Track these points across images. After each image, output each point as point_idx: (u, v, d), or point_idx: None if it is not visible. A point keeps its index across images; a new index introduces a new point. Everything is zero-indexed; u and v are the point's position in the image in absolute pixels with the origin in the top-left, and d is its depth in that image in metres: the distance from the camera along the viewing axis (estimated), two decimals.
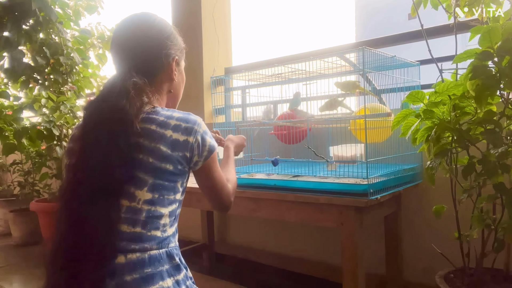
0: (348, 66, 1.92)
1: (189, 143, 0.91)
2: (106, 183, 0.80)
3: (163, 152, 0.87)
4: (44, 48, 2.81)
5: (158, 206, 0.88)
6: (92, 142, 0.82)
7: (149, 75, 0.96)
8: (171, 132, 0.89)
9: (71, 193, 0.80)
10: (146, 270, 0.83)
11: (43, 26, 2.76)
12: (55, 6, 2.84)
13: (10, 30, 2.59)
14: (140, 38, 0.96)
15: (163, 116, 0.92)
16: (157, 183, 0.87)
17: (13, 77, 2.72)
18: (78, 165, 0.81)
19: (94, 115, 0.85)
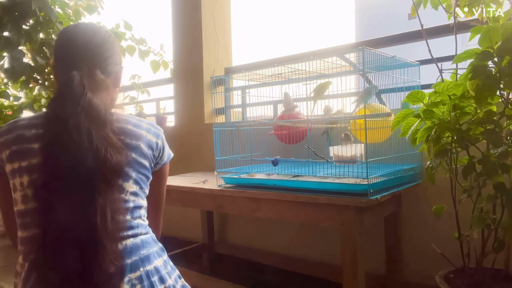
0: (348, 66, 1.92)
1: (158, 144, 1.02)
2: (106, 172, 0.84)
3: (142, 150, 0.96)
4: (44, 48, 2.81)
5: (139, 197, 0.96)
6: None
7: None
8: (145, 133, 0.99)
9: (64, 185, 0.81)
10: (142, 252, 0.91)
11: (43, 26, 2.76)
12: (55, 6, 2.84)
13: (10, 30, 2.59)
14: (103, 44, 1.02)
15: (133, 119, 1.01)
16: (138, 177, 0.95)
17: (13, 77, 2.72)
18: (73, 157, 0.82)
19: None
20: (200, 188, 2.00)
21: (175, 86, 3.21)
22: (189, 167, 2.93)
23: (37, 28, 2.74)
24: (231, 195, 1.88)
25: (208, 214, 2.77)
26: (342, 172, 1.67)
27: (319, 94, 1.76)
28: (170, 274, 1.00)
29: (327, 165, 1.84)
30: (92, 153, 0.82)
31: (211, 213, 2.80)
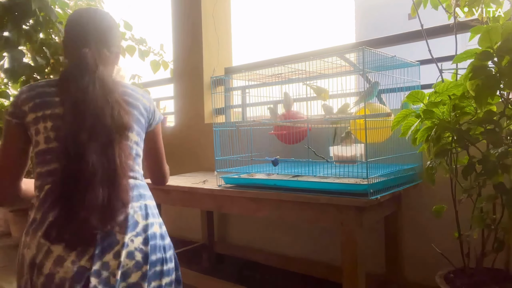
0: (348, 66, 1.92)
1: (150, 108, 1.26)
2: (119, 127, 1.07)
3: (141, 109, 1.21)
4: (44, 48, 2.81)
5: (139, 147, 1.20)
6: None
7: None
8: (141, 97, 1.24)
9: (86, 134, 1.02)
10: (140, 190, 1.16)
11: (43, 26, 2.76)
12: (55, 6, 2.84)
13: (10, 30, 2.59)
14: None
15: (130, 85, 1.24)
16: (138, 130, 1.19)
17: (13, 77, 2.72)
18: (90, 113, 1.04)
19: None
20: (200, 188, 2.00)
21: (175, 86, 3.21)
22: (189, 167, 2.93)
23: (37, 28, 2.74)
24: (231, 195, 1.88)
25: (208, 214, 2.77)
26: (342, 172, 1.67)
27: (319, 93, 1.77)
28: (157, 215, 1.20)
29: (327, 165, 1.84)
30: (108, 112, 1.04)
31: (211, 213, 2.80)
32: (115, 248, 1.01)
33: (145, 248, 1.06)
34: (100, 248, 1.00)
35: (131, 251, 1.03)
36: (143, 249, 1.06)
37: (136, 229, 1.07)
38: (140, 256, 1.05)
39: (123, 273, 1.01)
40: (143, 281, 1.04)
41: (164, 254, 1.14)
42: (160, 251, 1.12)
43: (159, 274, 1.11)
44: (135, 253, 1.04)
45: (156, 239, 1.11)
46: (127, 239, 1.03)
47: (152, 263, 1.08)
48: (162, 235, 1.16)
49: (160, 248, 1.12)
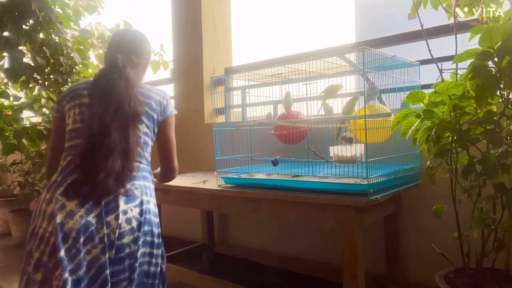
0: (348, 66, 1.92)
1: (162, 103, 1.49)
2: (133, 115, 1.34)
3: (152, 105, 1.45)
4: (44, 48, 2.81)
5: (148, 137, 1.43)
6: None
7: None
8: (155, 95, 1.48)
9: (106, 121, 1.29)
10: (143, 173, 1.39)
11: (43, 26, 2.76)
12: (55, 6, 2.84)
13: (10, 30, 2.59)
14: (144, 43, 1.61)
15: (146, 86, 1.51)
16: (148, 123, 1.43)
17: (13, 77, 2.72)
18: (106, 102, 1.32)
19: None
20: (200, 188, 2.00)
21: (175, 86, 3.21)
22: (189, 167, 2.93)
23: (37, 28, 2.74)
24: (231, 195, 1.88)
25: (208, 214, 2.77)
26: (342, 172, 1.67)
27: (329, 95, 1.76)
28: (155, 197, 1.43)
29: (327, 165, 1.84)
30: (127, 102, 1.33)
31: (211, 213, 2.80)
32: (116, 212, 1.23)
33: (140, 218, 1.28)
34: (105, 210, 1.23)
35: (129, 218, 1.25)
36: (138, 218, 1.27)
37: (136, 201, 1.29)
38: (136, 223, 1.26)
39: (120, 234, 1.22)
40: (134, 244, 1.25)
41: (156, 229, 1.35)
42: (151, 226, 1.32)
43: (149, 244, 1.30)
44: (132, 220, 1.26)
45: (150, 214, 1.32)
46: (126, 207, 1.26)
47: (144, 232, 1.28)
48: (155, 213, 1.37)
49: (152, 223, 1.32)
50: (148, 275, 1.30)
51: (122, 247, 1.22)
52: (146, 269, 1.29)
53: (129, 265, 1.24)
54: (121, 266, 1.22)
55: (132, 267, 1.24)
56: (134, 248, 1.24)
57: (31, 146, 3.20)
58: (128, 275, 1.23)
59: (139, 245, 1.25)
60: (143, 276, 1.28)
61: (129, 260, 1.24)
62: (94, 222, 1.21)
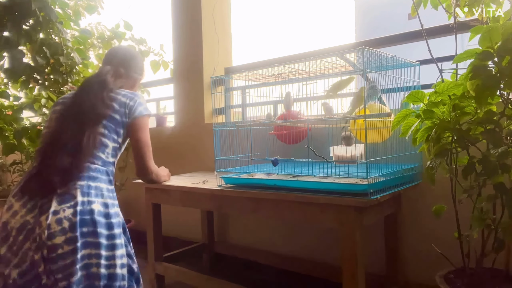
0: (348, 66, 1.92)
1: (128, 104, 1.50)
2: (94, 116, 1.41)
3: (114, 107, 1.47)
4: (44, 48, 2.81)
5: (106, 138, 1.44)
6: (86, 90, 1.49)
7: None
8: (120, 97, 1.50)
9: (69, 119, 1.42)
10: (92, 173, 1.39)
11: (43, 26, 2.76)
12: (55, 6, 2.84)
13: (10, 30, 2.59)
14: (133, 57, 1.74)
15: (122, 91, 1.55)
16: (108, 124, 1.45)
17: (13, 77, 2.72)
18: (75, 104, 1.46)
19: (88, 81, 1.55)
20: (200, 188, 2.00)
21: (175, 86, 3.21)
22: (189, 167, 2.93)
23: (37, 28, 2.74)
24: (231, 195, 1.88)
25: (208, 214, 2.77)
26: (342, 172, 1.67)
27: (337, 91, 1.75)
28: (107, 197, 1.40)
29: (327, 165, 1.84)
30: (93, 103, 1.42)
31: (211, 213, 2.79)
32: (47, 213, 1.27)
33: (74, 219, 1.28)
34: (40, 210, 1.29)
35: (59, 218, 1.27)
36: (71, 219, 1.28)
37: (70, 202, 1.30)
38: (67, 224, 1.27)
39: (50, 234, 1.25)
40: (68, 245, 1.26)
41: (105, 230, 1.33)
42: (95, 226, 1.31)
43: (94, 245, 1.30)
44: (63, 220, 1.27)
45: (92, 215, 1.31)
46: (59, 208, 1.28)
47: (83, 233, 1.28)
48: (105, 214, 1.36)
49: (97, 224, 1.31)
50: (97, 277, 1.29)
51: (53, 248, 1.25)
52: (95, 271, 1.29)
53: (64, 266, 1.25)
54: (55, 266, 1.25)
55: (68, 268, 1.25)
56: (67, 248, 1.25)
57: (31, 146, 3.19)
58: (64, 276, 1.24)
59: (77, 247, 1.26)
60: (92, 279, 1.28)
61: (63, 261, 1.25)
62: (32, 221, 1.28)
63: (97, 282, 1.29)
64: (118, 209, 1.45)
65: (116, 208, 1.43)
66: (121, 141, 1.51)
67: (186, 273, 2.24)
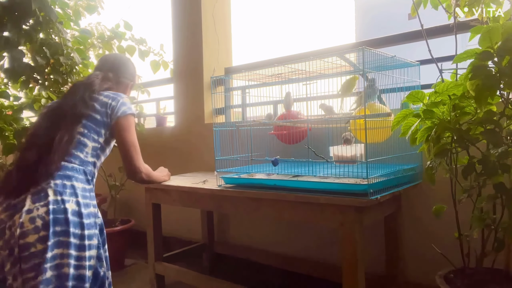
0: (348, 66, 1.92)
1: (110, 104, 1.52)
2: (73, 116, 1.44)
3: (96, 107, 1.50)
4: (44, 48, 2.81)
5: (85, 138, 1.45)
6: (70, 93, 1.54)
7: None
8: (102, 97, 1.53)
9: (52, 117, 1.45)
10: (68, 172, 1.38)
11: (43, 26, 2.75)
12: (55, 6, 2.84)
13: (10, 30, 2.58)
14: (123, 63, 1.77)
15: (106, 92, 1.57)
16: (87, 124, 1.46)
17: (13, 77, 2.71)
18: (59, 105, 1.50)
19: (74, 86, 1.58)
20: (200, 188, 2.00)
21: (175, 86, 3.21)
22: (189, 167, 2.93)
23: (37, 28, 2.74)
24: (231, 195, 1.88)
25: (208, 214, 2.77)
26: (342, 172, 1.67)
27: (347, 91, 1.75)
28: (82, 197, 1.38)
29: (327, 165, 1.84)
30: (74, 103, 1.46)
31: (211, 213, 2.80)
32: (21, 212, 1.27)
33: (47, 217, 1.27)
34: (15, 209, 1.29)
35: (33, 217, 1.26)
36: (44, 217, 1.27)
37: (44, 201, 1.29)
38: (41, 222, 1.26)
39: (22, 233, 1.25)
40: (40, 243, 1.24)
41: (78, 230, 1.32)
42: (68, 226, 1.29)
43: (65, 245, 1.28)
44: (36, 219, 1.26)
45: (66, 214, 1.30)
46: (33, 206, 1.28)
47: (55, 233, 1.27)
48: (79, 213, 1.34)
49: (70, 223, 1.30)
50: (66, 278, 1.27)
51: (26, 246, 1.24)
52: (66, 271, 1.27)
53: (35, 265, 1.23)
54: (27, 264, 1.24)
55: (39, 267, 1.23)
56: (40, 247, 1.24)
57: None
58: (36, 274, 1.23)
59: (48, 246, 1.24)
60: (62, 279, 1.26)
61: (35, 260, 1.24)
62: (6, 220, 1.29)
63: (66, 283, 1.27)
64: (95, 209, 1.43)
65: (92, 209, 1.41)
66: (102, 141, 1.51)
67: (186, 273, 2.24)
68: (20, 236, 1.24)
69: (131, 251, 3.04)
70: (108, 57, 1.78)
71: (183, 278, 2.28)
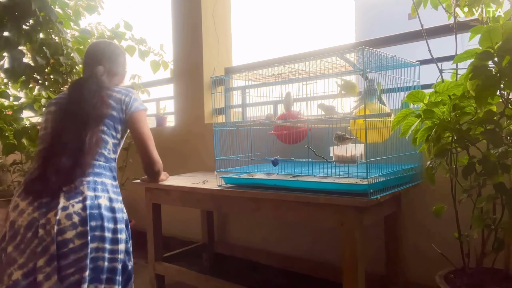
0: (348, 66, 1.92)
1: (124, 100, 1.55)
2: (95, 116, 1.47)
3: (112, 104, 1.52)
4: (44, 48, 2.81)
5: (106, 135, 1.48)
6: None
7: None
8: (115, 93, 1.55)
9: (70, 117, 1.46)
10: (97, 169, 1.43)
11: (43, 26, 2.75)
12: (55, 6, 2.84)
13: (10, 30, 2.59)
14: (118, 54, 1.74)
15: (117, 88, 1.60)
16: (107, 121, 1.48)
17: (13, 77, 2.72)
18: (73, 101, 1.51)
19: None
20: (200, 188, 2.00)
21: (175, 86, 3.21)
22: (189, 167, 2.93)
23: (37, 28, 2.74)
24: (231, 195, 1.88)
25: (208, 214, 2.77)
26: (342, 172, 1.67)
27: (349, 91, 1.76)
28: (112, 193, 1.43)
29: (327, 165, 1.84)
30: (93, 103, 1.47)
31: (211, 213, 2.79)
32: (56, 209, 1.29)
33: (83, 213, 1.31)
34: (48, 207, 1.30)
35: (69, 213, 1.29)
36: (81, 213, 1.31)
37: (78, 197, 1.33)
38: (77, 218, 1.30)
39: (60, 230, 1.27)
40: (78, 239, 1.28)
41: (111, 224, 1.37)
42: (102, 220, 1.34)
43: (99, 239, 1.33)
44: (73, 215, 1.30)
45: (100, 209, 1.35)
46: (67, 203, 1.31)
47: (91, 227, 1.31)
48: (111, 208, 1.39)
49: (104, 218, 1.35)
50: (101, 270, 1.32)
51: (64, 243, 1.27)
52: (101, 264, 1.32)
53: (75, 260, 1.27)
54: (67, 261, 1.27)
55: (80, 262, 1.27)
56: (78, 243, 1.28)
57: (31, 146, 3.19)
58: (76, 270, 1.27)
59: (87, 241, 1.29)
60: (97, 271, 1.32)
61: (74, 255, 1.28)
62: (40, 219, 1.29)
63: (101, 275, 1.32)
64: (122, 205, 1.48)
65: (120, 204, 1.46)
66: (119, 137, 1.55)
67: (186, 273, 2.24)
68: (58, 233, 1.27)
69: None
70: (98, 48, 1.70)
71: (183, 278, 2.28)
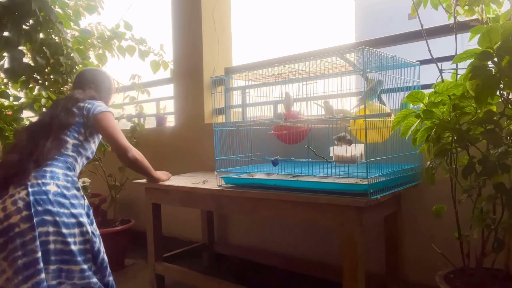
0: (348, 66, 1.92)
1: (85, 106, 1.72)
2: (61, 124, 1.64)
3: (74, 112, 1.69)
4: (44, 48, 2.81)
5: (67, 137, 1.63)
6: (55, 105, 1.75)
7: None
8: (83, 104, 1.72)
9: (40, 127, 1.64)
10: (49, 162, 1.55)
11: (43, 26, 2.75)
12: (55, 6, 2.84)
13: (10, 30, 2.58)
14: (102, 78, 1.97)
15: (89, 100, 1.77)
16: (72, 127, 1.65)
17: (13, 77, 2.71)
18: (47, 112, 1.72)
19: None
20: (200, 188, 2.00)
21: (175, 86, 3.21)
22: (189, 167, 2.93)
23: (37, 28, 2.73)
24: (231, 195, 1.88)
25: (208, 214, 2.77)
26: (342, 172, 1.67)
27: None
28: (64, 181, 1.53)
29: (327, 165, 1.84)
30: (59, 114, 1.65)
31: (211, 213, 2.79)
32: (5, 197, 1.42)
33: (27, 198, 1.40)
34: (2, 198, 1.43)
35: (15, 200, 1.40)
36: (25, 198, 1.40)
37: (25, 185, 1.43)
38: (22, 203, 1.39)
39: (6, 215, 1.38)
40: (22, 222, 1.36)
41: (62, 209, 1.45)
42: (51, 205, 1.43)
43: (51, 223, 1.40)
44: (18, 201, 1.39)
45: (47, 195, 1.44)
46: (14, 191, 1.43)
47: (37, 212, 1.39)
48: (62, 194, 1.49)
49: (53, 202, 1.44)
50: (56, 253, 1.40)
51: (11, 227, 1.37)
52: (53, 247, 1.39)
53: (23, 243, 1.35)
54: (13, 244, 1.35)
55: (29, 245, 1.35)
56: (24, 226, 1.36)
57: None
58: (24, 252, 1.35)
59: (33, 224, 1.36)
60: (52, 254, 1.39)
61: (20, 239, 1.35)
62: None
63: (56, 257, 1.39)
64: (78, 192, 1.58)
65: (75, 191, 1.56)
66: (82, 139, 1.68)
67: (186, 273, 2.24)
68: (4, 219, 1.37)
69: (131, 251, 3.04)
70: (85, 74, 1.92)
71: (183, 278, 2.28)
